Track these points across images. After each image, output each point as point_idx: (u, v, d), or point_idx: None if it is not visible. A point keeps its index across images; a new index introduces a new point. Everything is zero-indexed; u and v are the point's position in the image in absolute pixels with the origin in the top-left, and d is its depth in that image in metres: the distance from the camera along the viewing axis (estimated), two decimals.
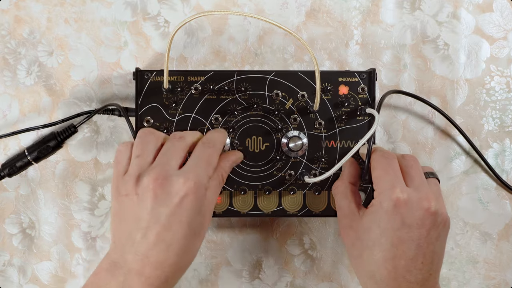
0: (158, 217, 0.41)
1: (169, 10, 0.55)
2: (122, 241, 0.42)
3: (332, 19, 0.56)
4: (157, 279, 0.41)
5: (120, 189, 0.43)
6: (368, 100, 0.51)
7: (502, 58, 0.56)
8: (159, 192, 0.41)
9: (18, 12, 0.55)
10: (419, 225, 0.43)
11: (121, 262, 0.42)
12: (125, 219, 0.42)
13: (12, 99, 0.55)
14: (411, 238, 0.43)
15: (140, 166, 0.43)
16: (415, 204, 0.43)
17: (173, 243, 0.41)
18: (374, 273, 0.44)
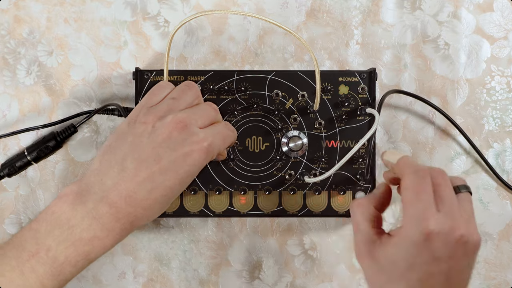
0: (161, 156, 0.41)
1: (169, 10, 0.55)
2: (111, 163, 0.41)
3: (332, 18, 0.56)
4: (126, 216, 0.41)
5: (139, 116, 0.43)
6: (369, 100, 0.50)
7: (503, 58, 0.56)
8: (175, 134, 0.41)
9: (17, 11, 0.55)
10: (449, 257, 0.38)
11: (97, 186, 0.40)
12: (127, 143, 0.42)
13: (11, 99, 0.54)
14: (441, 272, 0.38)
15: (171, 107, 0.43)
16: (447, 235, 0.38)
17: (158, 187, 0.41)
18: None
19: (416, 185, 0.39)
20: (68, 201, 0.40)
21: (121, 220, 0.41)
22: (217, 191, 0.50)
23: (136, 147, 0.41)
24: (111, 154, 0.42)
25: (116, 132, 0.43)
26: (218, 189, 0.50)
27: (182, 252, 0.55)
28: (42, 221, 0.40)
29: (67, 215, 0.40)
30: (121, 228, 0.41)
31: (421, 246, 0.38)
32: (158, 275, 0.55)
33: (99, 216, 0.40)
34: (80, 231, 0.40)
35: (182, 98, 0.45)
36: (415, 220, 0.38)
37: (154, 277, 0.55)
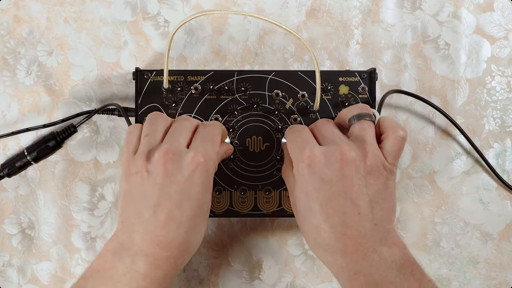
0: (169, 193, 0.41)
1: (169, 10, 0.55)
2: (131, 221, 0.42)
3: (333, 18, 0.56)
4: (165, 261, 0.41)
5: (130, 168, 0.43)
6: (369, 100, 0.50)
7: (503, 58, 0.56)
8: (169, 167, 0.41)
9: (17, 11, 0.55)
10: (339, 177, 0.41)
11: (128, 243, 0.41)
12: (135, 197, 0.42)
13: (11, 99, 0.54)
14: (337, 193, 0.41)
15: (150, 144, 0.43)
16: (329, 157, 0.41)
17: (183, 221, 0.41)
18: (317, 239, 0.42)
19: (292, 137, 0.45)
20: (108, 260, 0.41)
21: (162, 266, 0.41)
22: (217, 191, 0.50)
23: (144, 197, 0.42)
24: (127, 213, 0.42)
25: (121, 192, 0.44)
26: (218, 189, 0.50)
27: None
28: (88, 278, 0.41)
29: (110, 273, 0.41)
30: (163, 274, 0.41)
31: (308, 175, 0.41)
32: None
33: (139, 268, 0.40)
34: (124, 285, 0.40)
35: (154, 130, 0.45)
36: (297, 156, 0.43)
37: None
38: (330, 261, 0.42)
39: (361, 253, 0.40)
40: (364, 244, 0.40)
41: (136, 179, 0.42)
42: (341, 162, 0.41)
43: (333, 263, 0.42)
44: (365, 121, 0.44)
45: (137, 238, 0.41)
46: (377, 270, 0.40)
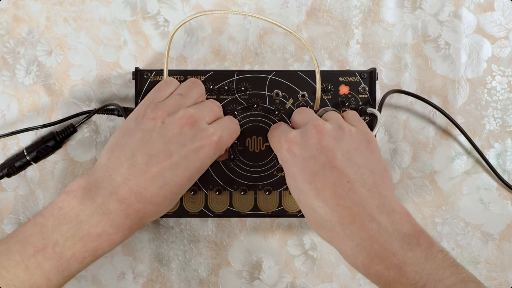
0: (171, 152, 0.41)
1: (169, 9, 0.55)
2: (121, 159, 0.41)
3: (333, 18, 0.56)
4: (136, 213, 0.40)
5: (147, 112, 0.43)
6: (369, 100, 0.50)
7: (504, 57, 0.56)
8: (185, 130, 0.42)
9: (17, 11, 0.54)
10: (319, 150, 0.41)
11: (106, 182, 0.40)
12: (137, 139, 0.41)
13: (11, 99, 0.54)
14: (321, 165, 0.40)
15: (179, 103, 0.44)
16: (305, 136, 0.42)
17: (169, 183, 0.41)
18: (316, 219, 0.41)
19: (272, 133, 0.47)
20: (76, 196, 0.39)
21: (131, 216, 0.40)
22: (217, 191, 0.50)
23: (146, 143, 0.41)
24: (120, 151, 0.41)
25: (123, 128, 0.43)
26: (218, 190, 0.50)
27: (182, 253, 0.55)
28: (49, 216, 0.39)
29: (76, 211, 0.39)
30: (130, 225, 0.41)
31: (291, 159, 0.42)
32: (157, 275, 0.55)
33: (109, 212, 0.39)
34: (89, 227, 0.39)
35: (188, 95, 0.45)
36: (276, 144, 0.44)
37: (154, 278, 0.55)
38: (333, 237, 0.40)
39: (359, 223, 0.39)
40: (361, 213, 0.39)
41: (147, 123, 0.42)
42: (318, 135, 0.42)
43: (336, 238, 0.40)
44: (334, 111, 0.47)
45: (118, 179, 0.40)
46: (377, 241, 0.38)
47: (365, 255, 0.38)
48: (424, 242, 0.38)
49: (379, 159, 0.43)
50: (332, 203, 0.40)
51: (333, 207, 0.39)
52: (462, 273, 0.37)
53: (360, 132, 0.43)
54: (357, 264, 0.39)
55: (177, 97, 0.45)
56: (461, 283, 0.36)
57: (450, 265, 0.37)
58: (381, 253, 0.38)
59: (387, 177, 0.42)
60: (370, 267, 0.38)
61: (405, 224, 0.39)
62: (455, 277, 0.37)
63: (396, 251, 0.38)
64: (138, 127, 0.42)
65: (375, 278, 0.39)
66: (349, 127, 0.43)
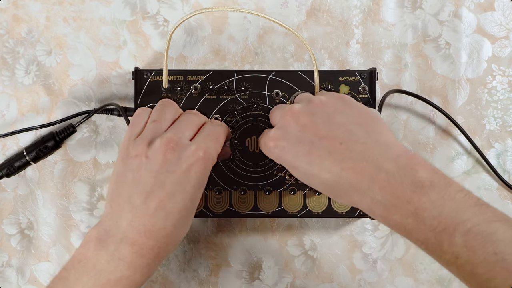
0: (163, 182, 0.41)
1: (169, 9, 0.55)
2: (120, 205, 0.41)
3: (333, 18, 0.56)
4: (150, 250, 0.40)
5: (130, 151, 0.43)
6: (369, 100, 0.50)
7: (504, 57, 0.56)
8: (169, 157, 0.41)
9: (16, 11, 0.54)
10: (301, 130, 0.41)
11: (114, 229, 0.40)
12: (128, 181, 0.42)
13: (10, 99, 0.54)
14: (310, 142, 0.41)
15: (155, 131, 0.43)
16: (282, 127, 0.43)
17: (173, 212, 0.41)
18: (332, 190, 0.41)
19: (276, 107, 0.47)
20: (91, 248, 0.40)
21: (146, 255, 0.41)
22: (217, 191, 0.50)
23: (138, 182, 0.41)
24: (117, 196, 0.42)
25: (115, 173, 0.43)
26: (218, 190, 0.50)
27: (182, 253, 0.55)
28: (70, 269, 0.41)
29: (93, 261, 0.40)
30: (147, 263, 0.41)
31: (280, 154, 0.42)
32: (157, 275, 0.54)
33: (123, 256, 0.40)
34: (107, 274, 0.40)
35: (162, 118, 0.45)
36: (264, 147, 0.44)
37: (154, 278, 0.54)
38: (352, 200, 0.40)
39: (367, 178, 0.38)
40: (365, 168, 0.38)
41: (133, 163, 0.42)
42: (292, 119, 0.42)
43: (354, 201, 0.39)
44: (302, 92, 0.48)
45: (124, 224, 0.40)
46: (389, 191, 0.37)
47: (382, 207, 0.38)
48: (439, 183, 0.36)
49: (361, 109, 0.43)
50: (335, 170, 0.39)
51: (339, 174, 0.39)
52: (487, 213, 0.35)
53: (330, 96, 0.44)
54: (377, 218, 0.39)
55: (152, 125, 0.44)
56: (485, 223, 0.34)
57: (472, 205, 0.35)
58: (395, 203, 0.37)
59: (378, 123, 0.42)
60: (389, 219, 0.38)
61: (414, 167, 0.37)
62: (478, 217, 0.35)
63: (409, 198, 0.36)
64: (127, 168, 0.42)
65: (396, 228, 0.38)
66: (318, 98, 0.44)
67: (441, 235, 0.35)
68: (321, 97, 0.44)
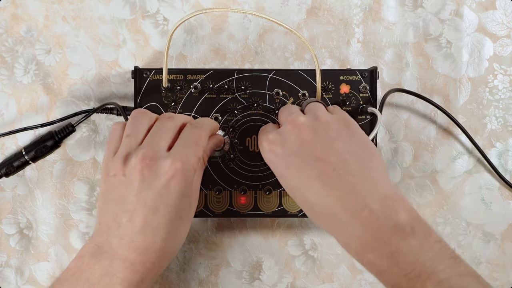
0: (145, 200, 0.41)
1: (168, 8, 0.55)
2: (108, 224, 0.41)
3: (333, 17, 0.55)
4: (143, 265, 0.40)
5: (109, 170, 0.43)
6: (370, 99, 0.50)
7: (506, 56, 0.56)
8: (146, 174, 0.41)
9: (15, 9, 0.54)
10: (299, 143, 0.41)
11: (106, 246, 0.41)
12: (112, 200, 0.42)
13: (9, 98, 0.54)
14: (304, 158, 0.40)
15: (129, 146, 0.43)
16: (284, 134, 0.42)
17: (159, 227, 0.41)
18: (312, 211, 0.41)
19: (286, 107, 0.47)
20: (85, 262, 0.41)
21: (139, 271, 0.41)
22: (217, 191, 0.50)
23: (120, 201, 0.41)
24: (105, 216, 0.42)
25: (100, 193, 0.43)
26: (218, 189, 0.50)
27: (182, 253, 0.54)
28: (64, 281, 0.41)
29: (86, 275, 0.40)
30: (141, 278, 0.41)
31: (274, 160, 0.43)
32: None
33: (116, 271, 0.40)
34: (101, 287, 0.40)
35: (135, 131, 0.44)
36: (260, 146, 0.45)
37: None
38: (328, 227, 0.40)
39: (350, 212, 0.38)
40: (351, 201, 0.38)
41: (113, 182, 0.42)
42: (294, 130, 0.42)
43: (331, 228, 0.40)
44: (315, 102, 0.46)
45: (114, 242, 0.41)
46: (369, 229, 0.37)
47: (358, 243, 0.38)
48: (419, 231, 0.37)
49: (363, 142, 0.42)
50: (322, 195, 0.39)
51: (324, 199, 0.39)
52: (460, 267, 0.36)
53: (337, 118, 0.43)
54: (351, 252, 0.39)
55: (126, 141, 0.43)
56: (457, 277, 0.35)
57: (447, 257, 0.36)
58: (373, 242, 0.37)
59: (375, 159, 0.41)
60: (362, 256, 0.38)
61: (398, 211, 0.38)
62: (451, 270, 0.35)
63: (388, 240, 0.37)
64: (108, 188, 0.42)
65: (368, 266, 0.38)
66: (325, 116, 0.43)
67: (414, 282, 0.36)
68: (328, 118, 0.43)
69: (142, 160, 0.41)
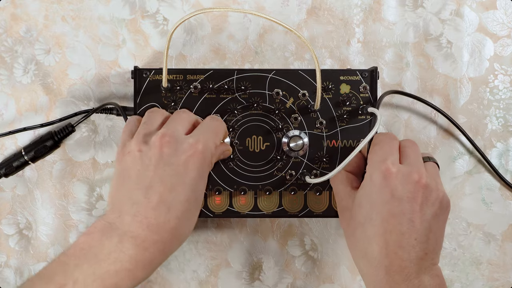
0: (162, 176, 0.41)
1: (168, 8, 0.55)
2: (122, 201, 0.41)
3: (334, 16, 0.55)
4: (154, 244, 0.40)
5: (123, 150, 0.43)
6: (370, 99, 0.50)
7: (506, 56, 0.56)
8: (165, 150, 0.41)
9: (14, 9, 0.54)
10: (410, 198, 0.41)
11: (117, 223, 0.40)
12: (127, 178, 0.42)
13: (8, 98, 0.54)
14: (402, 212, 0.41)
15: (147, 129, 0.44)
16: (406, 177, 0.42)
17: (175, 205, 0.41)
18: (366, 250, 0.42)
19: (382, 140, 0.45)
20: (95, 238, 0.40)
21: (149, 249, 0.40)
22: (216, 191, 0.49)
23: (137, 178, 0.41)
24: (119, 193, 0.42)
25: (115, 172, 0.44)
26: (218, 190, 0.49)
27: (182, 253, 0.54)
28: (71, 255, 0.40)
29: (95, 250, 0.40)
30: (150, 258, 0.41)
31: (380, 185, 0.42)
32: (157, 276, 0.54)
33: (126, 249, 0.40)
34: (107, 264, 0.40)
35: (152, 120, 0.45)
36: (376, 163, 0.43)
37: (153, 278, 0.54)
38: (371, 273, 0.42)
39: (404, 276, 0.41)
40: (410, 268, 0.41)
41: (129, 159, 0.42)
42: (416, 184, 0.42)
43: (373, 276, 0.42)
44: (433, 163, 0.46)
45: (126, 219, 0.40)
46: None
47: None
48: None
49: (444, 230, 0.44)
50: (391, 248, 0.41)
51: (389, 253, 0.41)
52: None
53: (445, 198, 0.44)
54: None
55: (144, 126, 0.44)
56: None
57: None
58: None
59: (441, 247, 0.44)
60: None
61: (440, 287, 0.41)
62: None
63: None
64: (124, 166, 0.43)
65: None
66: (438, 189, 0.43)
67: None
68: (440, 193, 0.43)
69: (162, 137, 0.42)
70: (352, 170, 0.47)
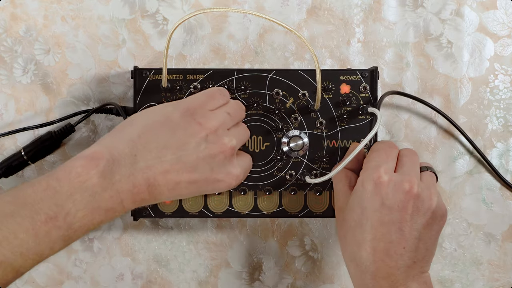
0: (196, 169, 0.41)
1: (168, 8, 0.55)
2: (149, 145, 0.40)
3: (334, 16, 0.55)
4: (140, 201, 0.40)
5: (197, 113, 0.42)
6: (370, 99, 0.50)
7: (506, 56, 0.56)
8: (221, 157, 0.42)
9: (14, 9, 0.54)
10: (400, 207, 0.42)
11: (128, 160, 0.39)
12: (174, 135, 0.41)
13: (8, 98, 0.54)
14: (392, 221, 0.42)
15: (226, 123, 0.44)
16: (397, 186, 0.42)
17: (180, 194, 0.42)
18: (355, 254, 0.43)
19: (380, 147, 0.46)
20: (98, 167, 0.37)
21: (136, 203, 0.40)
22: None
23: (181, 146, 0.41)
24: (154, 135, 0.40)
25: (165, 115, 0.42)
26: None
27: (181, 253, 0.54)
28: (64, 180, 0.37)
29: (93, 181, 0.37)
30: (131, 209, 0.40)
31: (371, 192, 0.42)
32: (156, 276, 0.54)
33: (121, 190, 0.38)
34: (101, 200, 0.37)
35: (234, 116, 0.45)
36: (369, 169, 0.44)
37: (153, 279, 0.54)
38: (358, 277, 0.43)
39: (390, 282, 0.41)
40: (397, 276, 0.41)
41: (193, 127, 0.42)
42: (406, 194, 0.42)
43: (360, 280, 0.43)
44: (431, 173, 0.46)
45: (140, 164, 0.39)
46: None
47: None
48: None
49: (436, 239, 0.44)
50: (379, 255, 0.42)
51: (377, 259, 0.42)
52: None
53: (439, 208, 0.43)
54: None
55: (226, 116, 0.44)
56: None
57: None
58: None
59: (432, 256, 0.44)
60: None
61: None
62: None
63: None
64: (182, 125, 0.41)
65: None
66: (431, 198, 0.43)
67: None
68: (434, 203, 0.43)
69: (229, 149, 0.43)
70: (351, 167, 0.47)
